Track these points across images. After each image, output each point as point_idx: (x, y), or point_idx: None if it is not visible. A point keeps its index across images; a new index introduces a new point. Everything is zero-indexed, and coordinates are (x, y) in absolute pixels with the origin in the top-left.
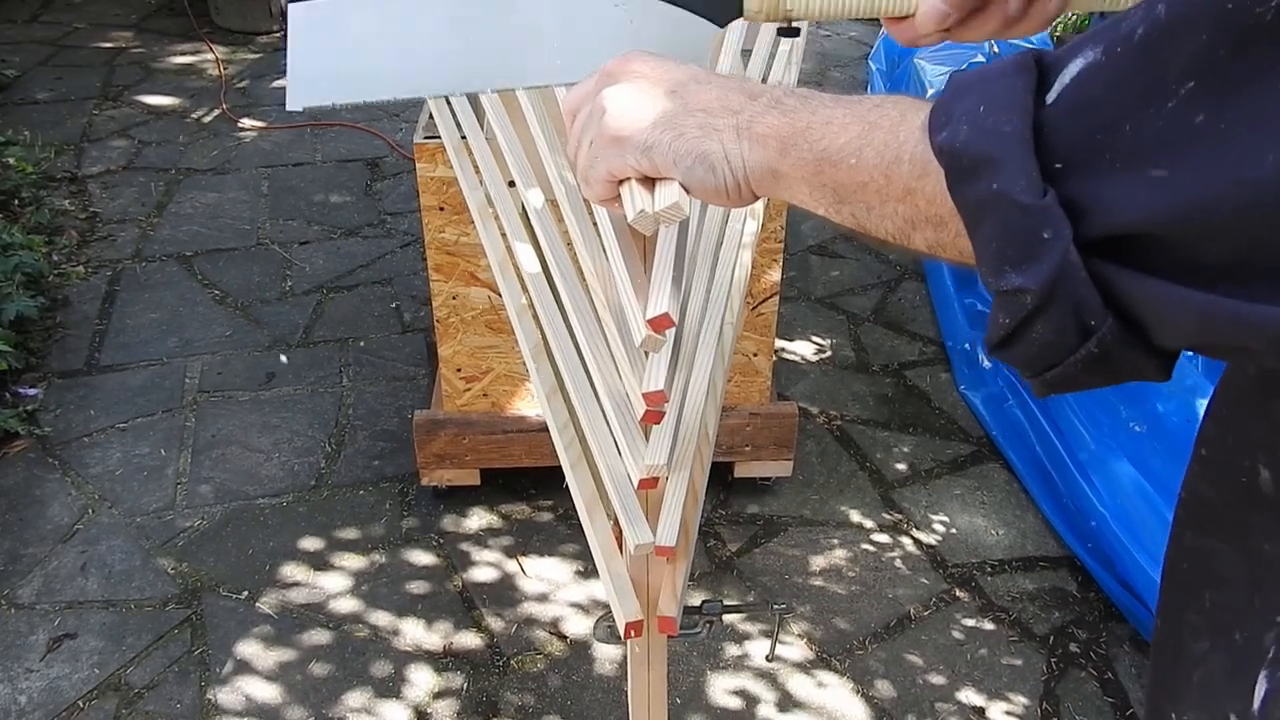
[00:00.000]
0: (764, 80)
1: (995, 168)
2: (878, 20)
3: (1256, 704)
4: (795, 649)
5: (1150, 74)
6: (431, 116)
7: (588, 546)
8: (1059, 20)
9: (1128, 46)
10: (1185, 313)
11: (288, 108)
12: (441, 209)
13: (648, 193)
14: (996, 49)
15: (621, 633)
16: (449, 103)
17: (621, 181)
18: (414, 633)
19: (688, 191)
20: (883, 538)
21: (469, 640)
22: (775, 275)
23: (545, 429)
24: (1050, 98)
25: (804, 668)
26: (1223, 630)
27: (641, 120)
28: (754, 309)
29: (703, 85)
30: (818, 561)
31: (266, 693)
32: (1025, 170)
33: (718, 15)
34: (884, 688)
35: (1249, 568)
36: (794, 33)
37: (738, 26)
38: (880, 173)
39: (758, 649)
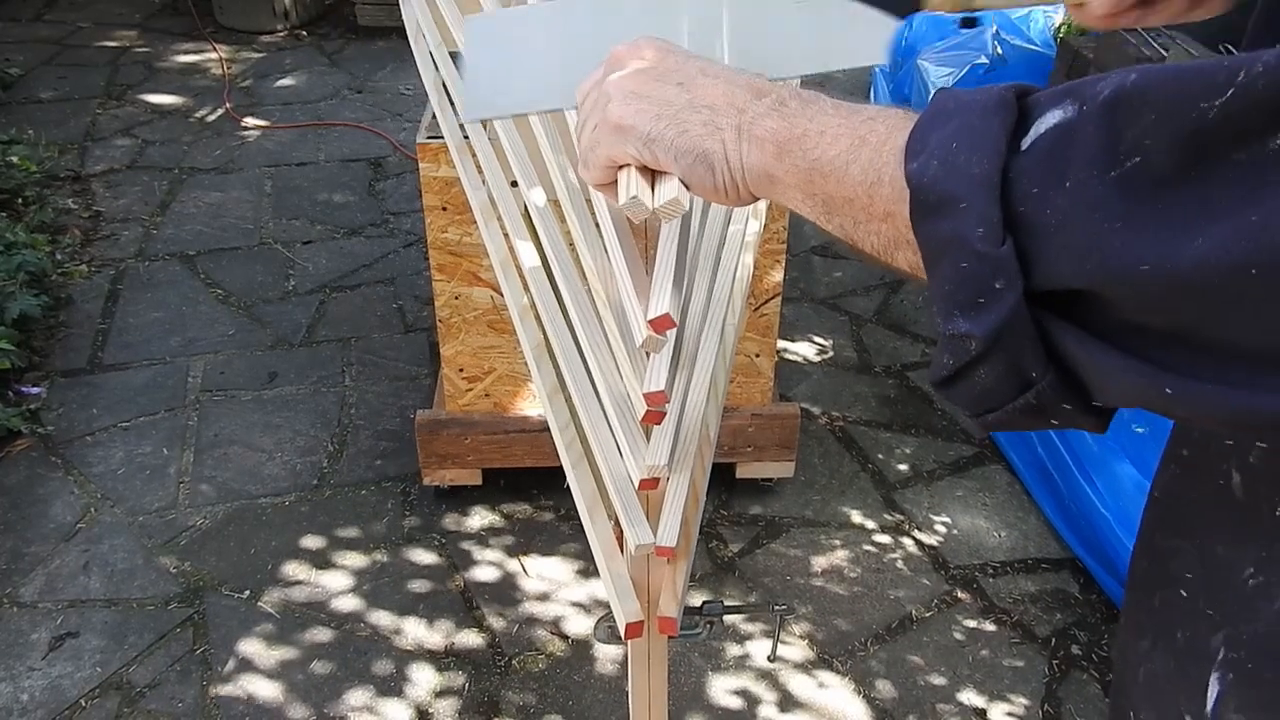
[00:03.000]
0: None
1: (958, 209)
2: None
3: (1209, 705)
4: (796, 649)
5: (1105, 139)
6: (434, 116)
7: (589, 546)
8: (1064, 21)
9: (1093, 106)
10: (1122, 378)
11: (462, 119)
12: (444, 209)
13: (645, 183)
14: (1000, 50)
15: (622, 633)
16: (452, 102)
17: (620, 167)
18: (415, 632)
19: (687, 187)
20: (884, 539)
21: (470, 639)
22: (777, 276)
23: (547, 429)
24: (1025, 143)
25: (805, 668)
26: (1165, 629)
27: (646, 111)
28: (756, 309)
29: (710, 79)
30: (819, 562)
31: (268, 691)
32: (986, 216)
33: (897, 7)
34: (885, 689)
35: (1203, 569)
36: (973, 24)
37: None
38: (864, 191)
39: (759, 649)
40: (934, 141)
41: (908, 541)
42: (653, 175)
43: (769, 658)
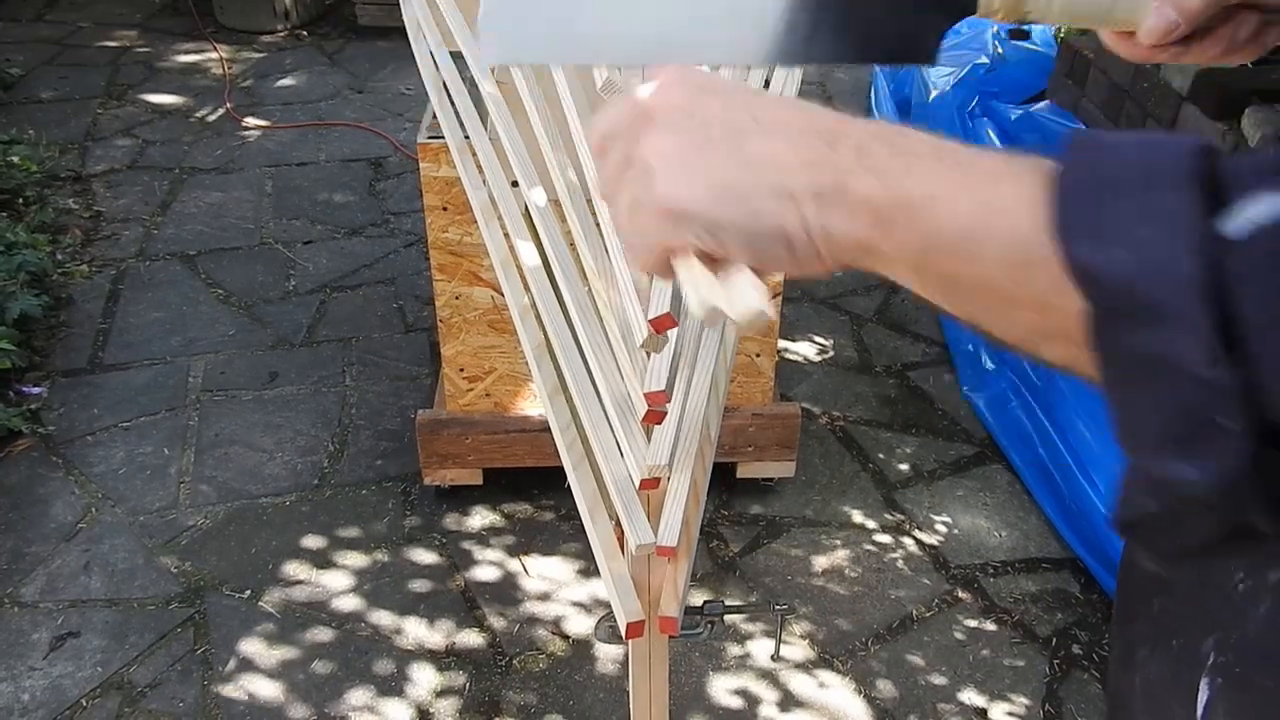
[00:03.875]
0: (767, 81)
1: (1163, 321)
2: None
3: (1199, 710)
4: (797, 649)
5: None
6: (435, 116)
7: (590, 546)
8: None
9: None
10: None
11: (481, 61)
12: (445, 209)
13: (709, 274)
14: (1000, 49)
15: (623, 633)
16: (452, 102)
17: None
18: (416, 631)
19: (757, 271)
20: (885, 538)
21: (471, 639)
22: (778, 275)
23: (547, 429)
24: (1231, 230)
25: (806, 668)
26: (1163, 636)
27: (700, 190)
28: None
29: (767, 131)
30: (820, 562)
31: (269, 691)
32: (1201, 331)
33: (950, 8)
34: (886, 688)
35: (1196, 573)
36: (1024, 35)
37: None
38: (1005, 275)
39: (759, 649)
40: (1108, 222)
41: (908, 541)
42: (714, 261)
43: (772, 657)
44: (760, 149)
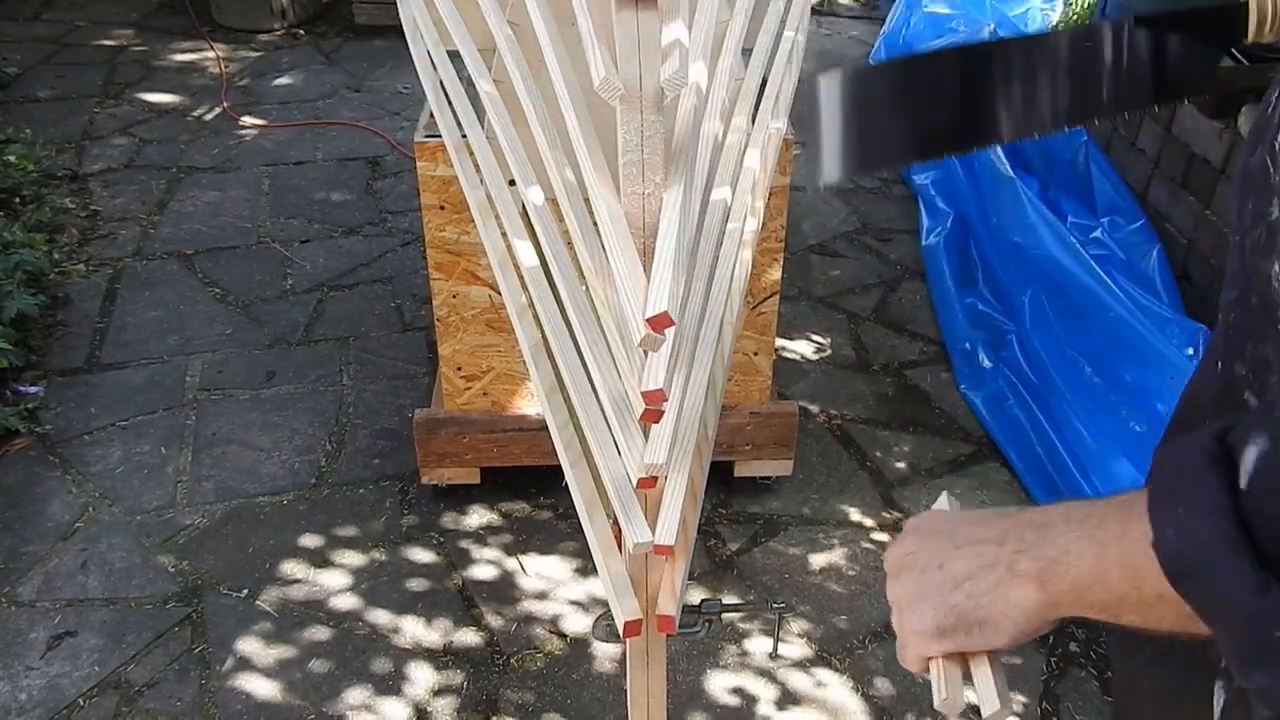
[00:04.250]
0: (764, 81)
1: (1210, 573)
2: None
3: (1216, 714)
4: (795, 647)
5: None
6: (432, 115)
7: (587, 545)
8: (1060, 18)
9: None
10: None
11: (821, 182)
12: (442, 208)
13: (956, 670)
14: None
15: (621, 631)
16: (449, 101)
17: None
18: (414, 630)
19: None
20: (883, 537)
21: (469, 638)
22: (776, 274)
23: (545, 428)
24: (1243, 484)
25: (804, 666)
26: (1164, 641)
27: (925, 613)
28: (754, 308)
29: (960, 550)
30: (818, 560)
31: (267, 690)
32: (1239, 571)
33: (1223, 40)
34: (883, 686)
35: None
36: None
37: (739, 26)
38: (1130, 587)
39: (757, 648)
40: (1164, 515)
41: None
42: (964, 658)
43: (770, 656)
44: (956, 566)
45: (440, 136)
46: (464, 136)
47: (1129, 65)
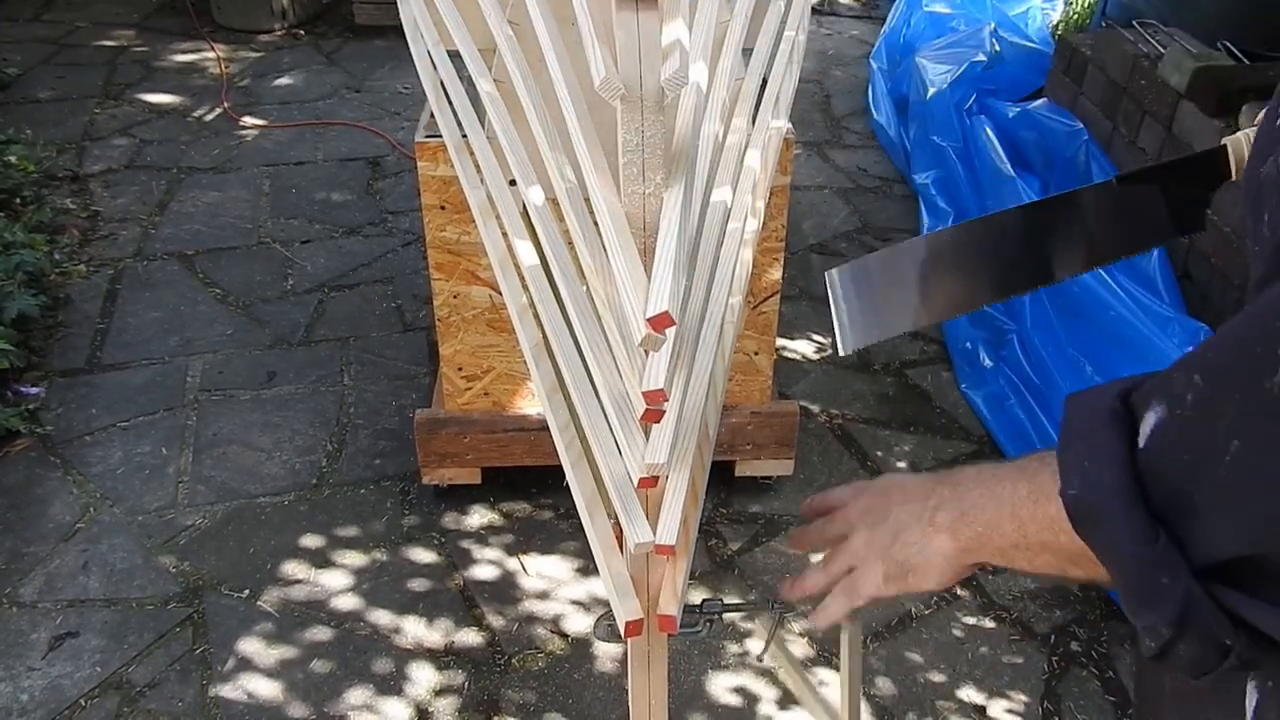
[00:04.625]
0: (764, 81)
1: (1105, 519)
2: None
3: (1249, 714)
4: (796, 647)
5: (1204, 434)
6: (432, 115)
7: (588, 545)
8: (1060, 19)
9: (1184, 409)
10: None
11: (841, 352)
12: (443, 208)
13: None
14: (998, 47)
15: (622, 631)
16: (450, 101)
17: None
18: (415, 630)
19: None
20: None
21: (470, 638)
22: (776, 274)
23: (546, 427)
24: (1141, 442)
25: (804, 665)
26: None
27: (876, 568)
28: (755, 307)
29: (898, 508)
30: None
31: (268, 690)
32: (1130, 520)
33: (1210, 182)
34: (885, 685)
35: None
36: None
37: (739, 26)
38: (1019, 536)
39: (758, 647)
40: (1070, 462)
41: None
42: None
43: (758, 658)
44: (896, 522)
45: (441, 136)
46: (464, 136)
47: (1121, 217)
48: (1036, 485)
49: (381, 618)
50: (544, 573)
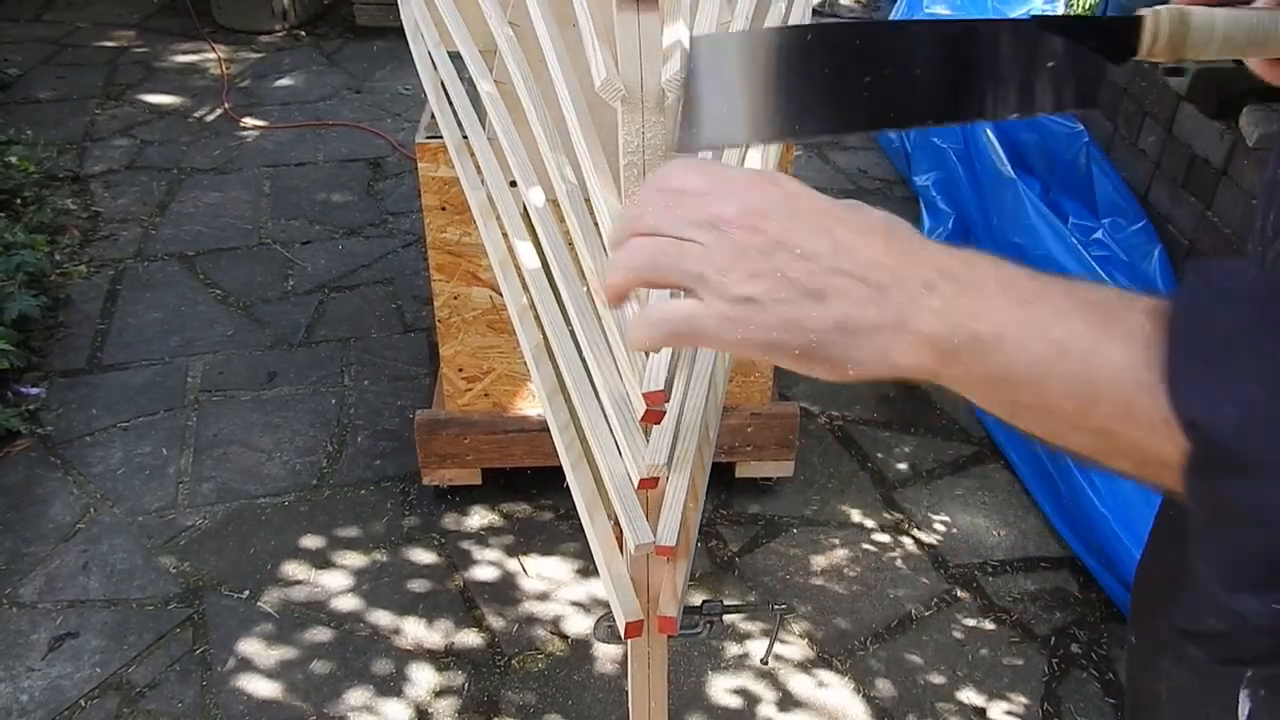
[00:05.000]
0: None
1: (1262, 476)
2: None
3: None
4: (796, 648)
5: None
6: (433, 116)
7: (588, 546)
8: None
9: None
10: None
11: (676, 149)
12: (443, 209)
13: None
14: None
15: (622, 632)
16: (450, 102)
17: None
18: (415, 631)
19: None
20: (884, 538)
21: (470, 639)
22: None
23: (546, 429)
24: None
25: (805, 667)
26: (1184, 646)
27: (768, 313)
28: None
29: (840, 259)
30: (819, 561)
31: (268, 691)
32: None
33: (1114, 54)
34: (885, 687)
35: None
36: (1180, 73)
37: (740, 25)
38: (1071, 406)
39: (759, 649)
40: (1222, 379)
41: (907, 540)
42: None
43: (762, 660)
44: (831, 284)
45: (441, 137)
46: (465, 137)
47: (1019, 67)
48: (1139, 359)
49: (381, 618)
50: (544, 574)
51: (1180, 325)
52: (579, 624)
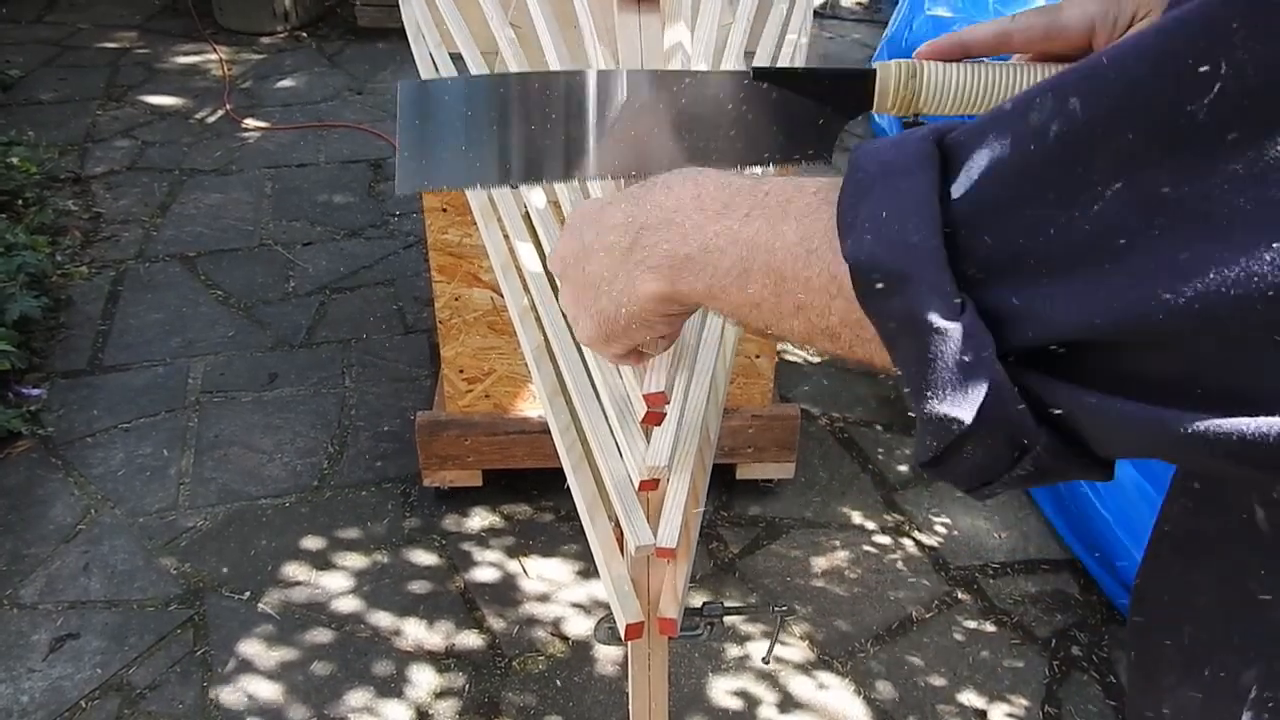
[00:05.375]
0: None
1: (905, 285)
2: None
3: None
4: (797, 650)
5: (1072, 174)
6: None
7: (589, 547)
8: None
9: (1042, 144)
10: (1130, 427)
11: (397, 192)
12: (444, 210)
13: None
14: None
15: (622, 634)
16: None
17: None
18: (416, 633)
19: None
20: (884, 540)
21: (471, 640)
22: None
23: (547, 430)
24: (955, 192)
25: (805, 669)
26: (1193, 664)
27: (589, 325)
28: None
29: (599, 242)
30: (819, 563)
31: (269, 692)
32: (938, 287)
33: (848, 108)
34: (885, 689)
35: (1231, 605)
36: (918, 125)
37: (741, 29)
38: (769, 293)
39: (759, 650)
40: (862, 216)
41: (908, 542)
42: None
43: (764, 660)
44: (596, 265)
45: None
46: None
47: (746, 120)
48: (809, 230)
49: (382, 620)
50: (545, 575)
51: (842, 188)
52: (580, 625)
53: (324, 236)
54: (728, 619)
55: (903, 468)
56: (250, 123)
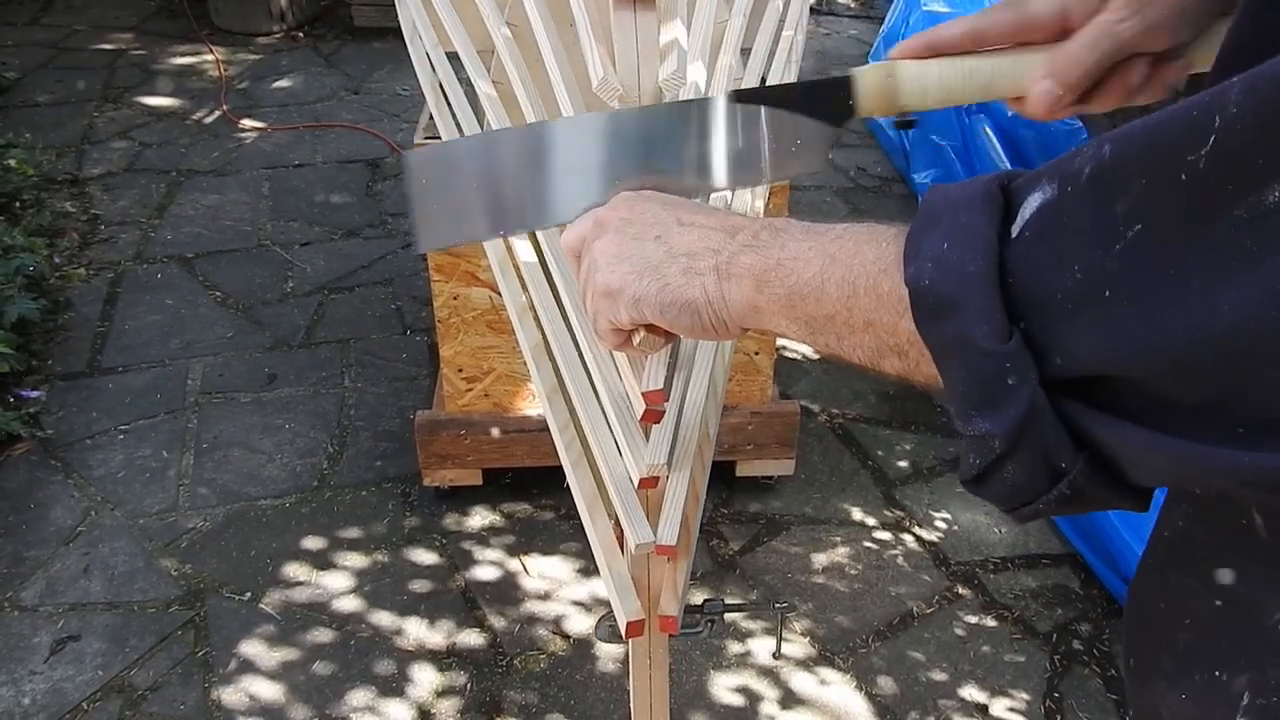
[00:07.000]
0: (763, 81)
1: (959, 310)
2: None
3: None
4: (798, 646)
5: (1099, 215)
6: (431, 117)
7: (589, 545)
8: None
9: (1077, 185)
10: (1157, 457)
11: (417, 250)
12: None
13: (658, 337)
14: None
15: (623, 632)
16: (449, 103)
17: (630, 331)
18: (417, 632)
19: (677, 334)
20: (885, 535)
21: (472, 639)
22: None
23: (546, 429)
24: (1014, 230)
25: (806, 665)
26: (1186, 670)
27: (628, 273)
28: None
29: (686, 227)
30: (820, 559)
31: (270, 693)
32: (988, 313)
33: (832, 117)
34: (886, 685)
35: (1226, 610)
36: (910, 124)
37: (738, 26)
38: (842, 305)
39: (760, 647)
40: (925, 246)
41: (908, 538)
42: (662, 331)
43: (774, 655)
44: (676, 240)
45: (440, 138)
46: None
47: (741, 142)
48: (884, 253)
49: (383, 619)
50: (545, 574)
51: (913, 222)
52: (580, 623)
53: (322, 236)
54: (728, 616)
55: (902, 463)
56: (247, 123)
